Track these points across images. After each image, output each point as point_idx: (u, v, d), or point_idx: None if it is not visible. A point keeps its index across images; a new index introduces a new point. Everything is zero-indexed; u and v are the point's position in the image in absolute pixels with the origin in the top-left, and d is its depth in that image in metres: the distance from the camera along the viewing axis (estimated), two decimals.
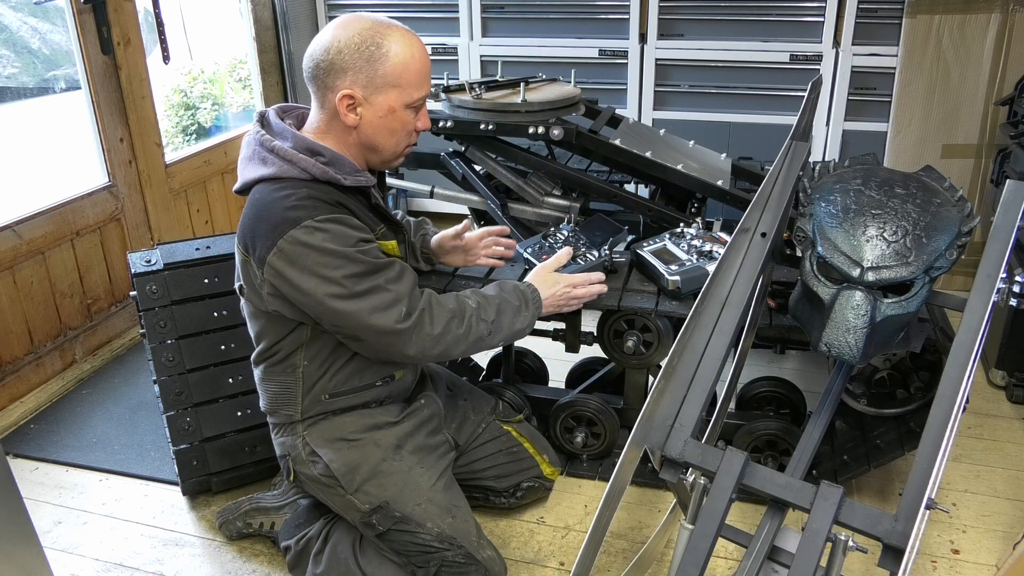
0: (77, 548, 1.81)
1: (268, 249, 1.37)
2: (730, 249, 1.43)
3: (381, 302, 1.40)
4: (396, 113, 1.44)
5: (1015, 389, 2.28)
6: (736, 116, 3.14)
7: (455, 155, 2.36)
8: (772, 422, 1.86)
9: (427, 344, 1.45)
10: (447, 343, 1.47)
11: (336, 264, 1.37)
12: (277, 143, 1.43)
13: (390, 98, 1.42)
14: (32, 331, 2.43)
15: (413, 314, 1.43)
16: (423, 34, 3.34)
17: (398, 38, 1.41)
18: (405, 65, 1.41)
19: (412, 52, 1.42)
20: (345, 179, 1.43)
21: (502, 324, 1.55)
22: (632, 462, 1.19)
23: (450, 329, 1.47)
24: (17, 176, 2.85)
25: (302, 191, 1.39)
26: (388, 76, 1.41)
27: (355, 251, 1.38)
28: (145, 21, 2.75)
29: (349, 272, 1.38)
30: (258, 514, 1.77)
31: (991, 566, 1.69)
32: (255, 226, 1.40)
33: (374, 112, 1.43)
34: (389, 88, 1.42)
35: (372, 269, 1.40)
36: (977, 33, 2.76)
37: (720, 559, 1.70)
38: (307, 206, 1.38)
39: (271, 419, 1.64)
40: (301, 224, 1.36)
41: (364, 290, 1.39)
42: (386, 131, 1.46)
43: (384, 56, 1.40)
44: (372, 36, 1.40)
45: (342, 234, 1.38)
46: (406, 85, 1.43)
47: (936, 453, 1.12)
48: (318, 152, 1.43)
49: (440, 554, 1.52)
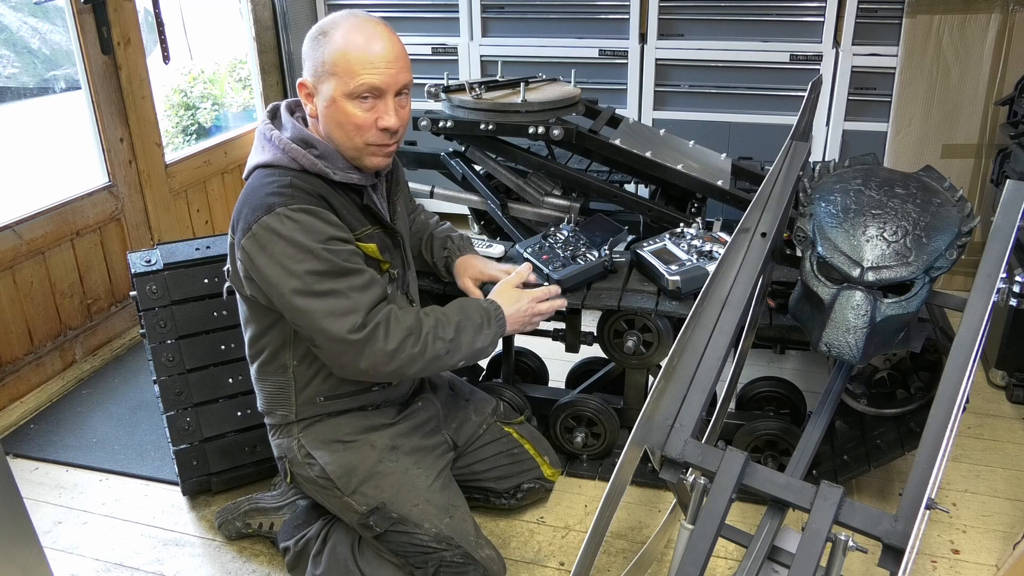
0: (77, 548, 1.81)
1: (244, 233, 1.39)
2: (730, 249, 1.43)
3: (337, 307, 1.37)
4: (337, 103, 1.39)
5: (1015, 389, 2.28)
6: (736, 116, 3.14)
7: (455, 155, 2.36)
8: (772, 422, 1.86)
9: (380, 359, 1.41)
10: (401, 360, 1.42)
11: (300, 258, 1.36)
12: (276, 132, 1.45)
13: (330, 87, 1.40)
14: (32, 331, 2.43)
15: (368, 326, 1.39)
16: (423, 34, 3.39)
17: (346, 27, 1.39)
18: (343, 52, 1.37)
19: (354, 40, 1.37)
20: (335, 173, 1.43)
21: (461, 343, 1.49)
22: (632, 462, 1.19)
23: (405, 347, 1.42)
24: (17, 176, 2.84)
25: (286, 179, 1.40)
26: (327, 64, 1.39)
27: (322, 248, 1.37)
28: (145, 21, 2.75)
29: (311, 268, 1.36)
30: (257, 514, 1.77)
31: (991, 566, 1.69)
32: (240, 209, 1.43)
33: (322, 102, 1.42)
34: (328, 76, 1.39)
35: (336, 271, 1.38)
36: (977, 33, 2.76)
37: (720, 559, 1.70)
38: (285, 194, 1.38)
39: (268, 420, 1.64)
40: (275, 210, 1.36)
41: (323, 291, 1.37)
42: (333, 123, 1.43)
43: (326, 43, 1.39)
44: (324, 25, 1.41)
45: (313, 227, 1.37)
46: (342, 73, 1.37)
47: (936, 453, 1.12)
48: (312, 144, 1.44)
49: (438, 554, 1.52)
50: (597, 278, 1.85)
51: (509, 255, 1.99)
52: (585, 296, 1.80)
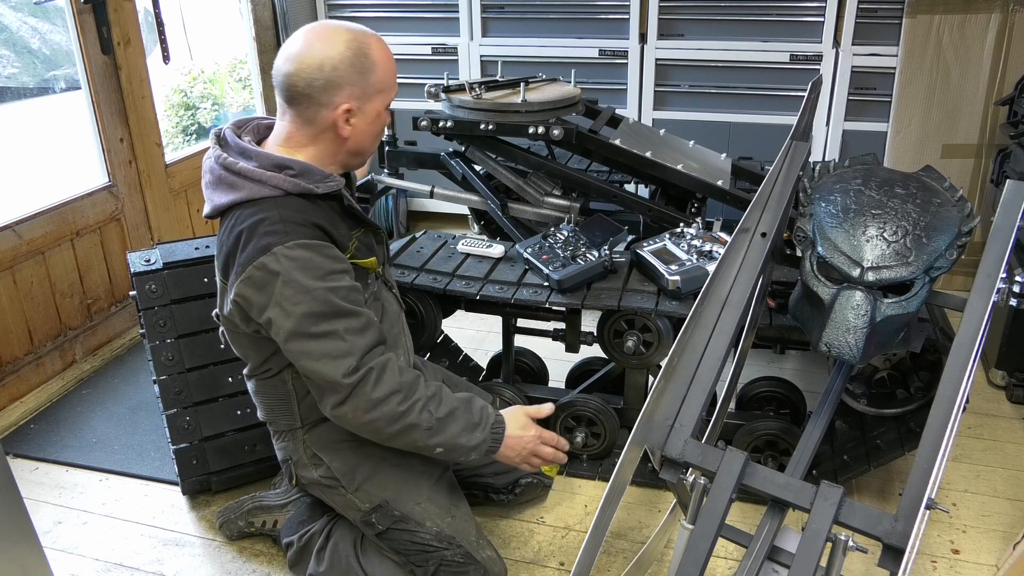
0: (77, 548, 1.81)
1: (238, 276, 1.36)
2: (730, 249, 1.43)
3: (333, 349, 1.35)
4: (381, 116, 1.47)
5: (1015, 389, 2.28)
6: (736, 116, 3.14)
7: (455, 155, 2.36)
8: (772, 422, 1.86)
9: (362, 405, 1.37)
10: (382, 413, 1.38)
11: (298, 299, 1.34)
12: (243, 164, 1.40)
13: (377, 103, 1.44)
14: (32, 331, 2.43)
15: (361, 370, 1.36)
16: (423, 34, 3.40)
17: (376, 44, 1.43)
18: (388, 70, 1.44)
19: (389, 55, 1.45)
20: (318, 188, 1.41)
21: (447, 429, 1.43)
22: (632, 462, 1.19)
23: (390, 401, 1.38)
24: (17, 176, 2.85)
25: (273, 213, 1.37)
26: (377, 84, 1.42)
27: (322, 287, 1.35)
28: (145, 21, 2.74)
29: (308, 310, 1.34)
30: (261, 512, 1.77)
31: (991, 566, 1.69)
32: (231, 253, 1.39)
33: (365, 120, 1.44)
34: (377, 95, 1.43)
35: (334, 312, 1.36)
36: (977, 33, 2.76)
37: (720, 559, 1.70)
38: (280, 231, 1.35)
39: (271, 427, 1.64)
40: (272, 250, 1.33)
41: (320, 332, 1.35)
42: (372, 136, 1.48)
43: (374, 65, 1.41)
44: (360, 47, 1.40)
45: (313, 263, 1.35)
46: (388, 88, 1.46)
47: (936, 453, 1.12)
48: (286, 166, 1.40)
49: (439, 553, 1.53)
50: (597, 278, 1.85)
51: (509, 255, 2.00)
52: (585, 296, 1.80)
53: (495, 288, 1.85)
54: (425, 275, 1.91)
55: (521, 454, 1.53)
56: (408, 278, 1.89)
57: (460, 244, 2.04)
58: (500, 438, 1.50)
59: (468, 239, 2.06)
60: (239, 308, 1.40)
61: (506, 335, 2.09)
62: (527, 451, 1.53)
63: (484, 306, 2.00)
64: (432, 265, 1.96)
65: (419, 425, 1.41)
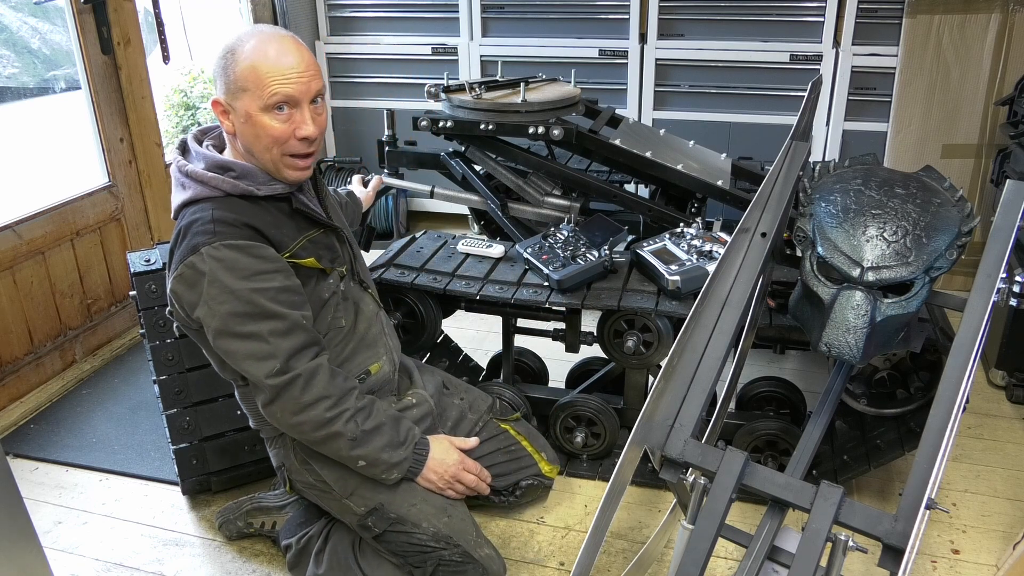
0: (77, 548, 1.81)
1: (171, 272, 1.40)
2: (730, 249, 1.43)
3: (257, 350, 1.38)
4: (253, 118, 1.40)
5: (1015, 389, 2.28)
6: (736, 116, 3.14)
7: (455, 155, 2.36)
8: (772, 422, 1.86)
9: (290, 407, 1.41)
10: (308, 418, 1.41)
11: (222, 299, 1.36)
12: (191, 166, 1.45)
13: (244, 103, 1.40)
14: (32, 331, 2.43)
15: (287, 374, 1.39)
16: (423, 34, 3.39)
17: (253, 42, 1.39)
18: (252, 67, 1.38)
19: (265, 54, 1.38)
20: (259, 189, 1.43)
21: (371, 442, 1.47)
22: (632, 462, 1.19)
23: (318, 406, 1.41)
24: (17, 176, 2.85)
25: (207, 214, 1.40)
26: (239, 80, 1.39)
27: (246, 288, 1.36)
28: (145, 21, 2.75)
29: (232, 310, 1.36)
30: (260, 513, 1.77)
31: (991, 566, 1.69)
32: (171, 251, 1.44)
33: (238, 119, 1.42)
34: (241, 92, 1.39)
35: (258, 314, 1.37)
36: (977, 33, 2.76)
37: (720, 559, 1.70)
38: (209, 231, 1.37)
39: (262, 434, 1.66)
40: (200, 250, 1.37)
41: (244, 333, 1.37)
42: (251, 138, 1.43)
43: (235, 61, 1.39)
44: (233, 42, 1.41)
45: (239, 264, 1.36)
46: (254, 88, 1.38)
47: (936, 453, 1.12)
48: (228, 168, 1.43)
49: (436, 553, 1.53)
50: (597, 278, 1.85)
51: (509, 255, 2.00)
52: (585, 296, 1.80)
53: (495, 288, 1.85)
54: (425, 275, 1.91)
55: (443, 478, 1.57)
56: (408, 278, 1.89)
57: (460, 244, 2.04)
58: (423, 459, 1.55)
59: (468, 239, 2.06)
60: (174, 304, 1.44)
61: (506, 335, 2.09)
62: (449, 475, 1.58)
63: (484, 306, 2.00)
64: (432, 265, 1.96)
65: (344, 434, 1.44)
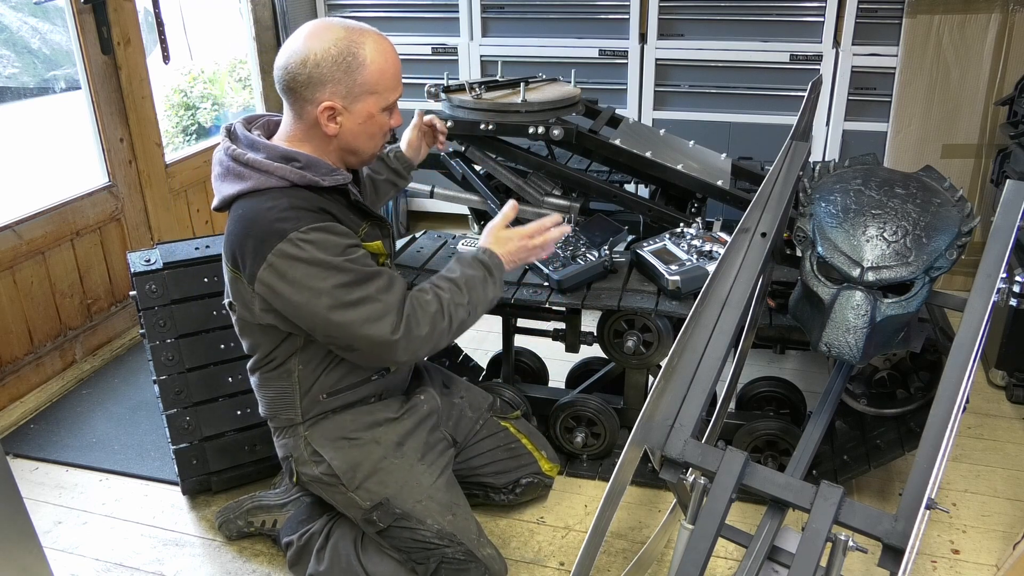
0: (77, 548, 1.81)
1: (258, 265, 1.37)
2: (730, 249, 1.43)
3: (373, 312, 1.39)
4: (374, 118, 1.46)
5: (1015, 389, 2.28)
6: (736, 116, 3.14)
7: (455, 155, 2.35)
8: (772, 422, 1.86)
9: (417, 346, 1.44)
10: (435, 339, 1.46)
11: (325, 275, 1.36)
12: (251, 156, 1.42)
13: (368, 104, 1.44)
14: (32, 331, 2.43)
15: (402, 322, 1.42)
16: (423, 34, 3.39)
17: (372, 45, 1.42)
18: (382, 71, 1.43)
19: (386, 57, 1.43)
20: (324, 180, 1.43)
21: (476, 301, 1.51)
22: (632, 462, 1.19)
23: (436, 326, 1.45)
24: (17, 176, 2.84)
25: (283, 202, 1.39)
26: (366, 84, 1.42)
27: (343, 260, 1.38)
28: (145, 21, 2.74)
29: (338, 282, 1.37)
30: (260, 512, 1.77)
31: (991, 566, 1.69)
32: (243, 242, 1.40)
33: (354, 120, 1.44)
34: (367, 95, 1.43)
35: (362, 278, 1.39)
36: (977, 33, 2.76)
37: (720, 559, 1.70)
38: (291, 217, 1.37)
39: (271, 424, 1.65)
40: (287, 237, 1.36)
41: (355, 300, 1.38)
42: (365, 136, 1.48)
43: (361, 65, 1.40)
44: (348, 46, 1.40)
45: (329, 243, 1.38)
46: (383, 90, 1.44)
47: (936, 453, 1.12)
48: (293, 158, 1.43)
49: (440, 551, 1.53)
50: (597, 278, 1.85)
51: None
52: (585, 296, 1.80)
53: None
54: (425, 275, 1.91)
55: (517, 259, 1.60)
56: (408, 278, 1.89)
57: (460, 244, 2.04)
58: (501, 265, 1.56)
59: (468, 239, 2.07)
60: (262, 299, 1.42)
61: (506, 335, 2.09)
62: (523, 255, 1.60)
63: None
64: (432, 265, 1.96)
65: (463, 320, 1.49)
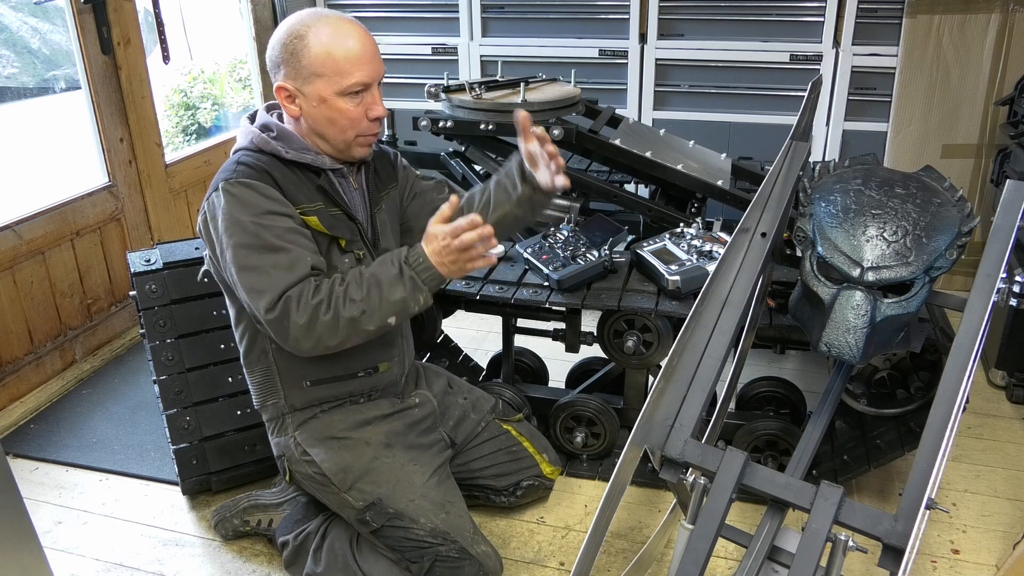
0: (77, 548, 1.81)
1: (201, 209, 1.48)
2: (730, 249, 1.42)
3: (259, 283, 1.40)
4: (328, 102, 1.45)
5: (1015, 389, 2.28)
6: (736, 116, 3.14)
7: (455, 155, 2.36)
8: (772, 422, 1.86)
9: (297, 334, 1.39)
10: (319, 332, 1.39)
11: (234, 231, 1.42)
12: (248, 126, 1.53)
13: (318, 88, 1.44)
14: (32, 331, 2.43)
15: (280, 303, 1.38)
16: (423, 34, 3.39)
17: (322, 28, 1.43)
18: (328, 54, 1.42)
19: (335, 40, 1.42)
20: (287, 152, 1.48)
21: (375, 300, 1.40)
22: (632, 462, 1.19)
23: (317, 317, 1.38)
24: (17, 176, 2.84)
25: (235, 157, 1.49)
26: (311, 67, 1.43)
27: (254, 221, 1.41)
28: (145, 21, 2.74)
29: (241, 241, 1.41)
30: (256, 511, 1.78)
31: (991, 566, 1.69)
32: None
33: (308, 103, 1.47)
34: (315, 78, 1.44)
35: (263, 246, 1.41)
36: (977, 33, 2.76)
37: (720, 559, 1.70)
38: (230, 170, 1.46)
39: (264, 416, 1.66)
40: (219, 187, 1.44)
41: (249, 265, 1.41)
42: (325, 120, 1.47)
43: (306, 48, 1.43)
44: (297, 29, 1.44)
45: (249, 200, 1.42)
46: (331, 74, 1.43)
47: (936, 453, 1.12)
48: (269, 128, 1.50)
49: (433, 549, 1.53)
50: (597, 278, 1.85)
51: (509, 255, 1.99)
52: (585, 296, 1.80)
53: (495, 288, 1.85)
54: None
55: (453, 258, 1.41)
56: None
57: None
58: (424, 263, 1.42)
59: None
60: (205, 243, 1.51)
61: (506, 335, 2.09)
62: (452, 250, 1.40)
63: (484, 306, 2.00)
64: None
65: (353, 317, 1.39)
